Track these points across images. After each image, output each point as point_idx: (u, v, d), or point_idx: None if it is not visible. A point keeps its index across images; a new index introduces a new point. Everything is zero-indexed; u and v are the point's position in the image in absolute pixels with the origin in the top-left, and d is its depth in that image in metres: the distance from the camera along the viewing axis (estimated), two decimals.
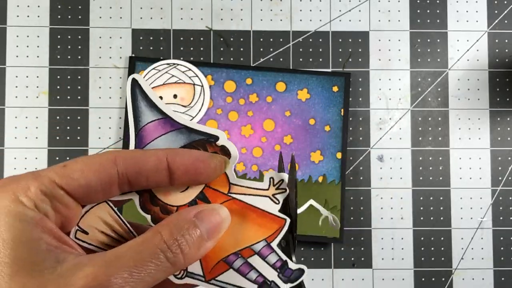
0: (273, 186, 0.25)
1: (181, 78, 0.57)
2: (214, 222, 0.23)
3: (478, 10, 0.59)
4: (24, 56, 0.57)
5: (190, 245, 0.21)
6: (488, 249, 0.57)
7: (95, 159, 0.22)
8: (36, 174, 0.21)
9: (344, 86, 0.57)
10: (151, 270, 0.20)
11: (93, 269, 0.19)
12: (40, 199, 0.20)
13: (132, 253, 0.20)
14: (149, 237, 0.21)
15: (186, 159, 0.23)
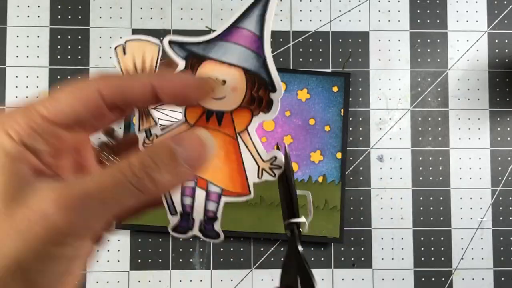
0: (269, 163, 0.25)
1: None
2: (193, 148, 0.21)
3: (478, 10, 0.59)
4: (24, 56, 0.57)
5: (162, 170, 0.20)
6: (488, 249, 0.57)
7: (79, 89, 0.21)
8: (24, 109, 0.21)
9: (344, 86, 0.57)
10: (118, 197, 0.20)
11: (59, 191, 0.19)
12: (28, 135, 0.20)
13: (96, 177, 0.20)
14: (118, 164, 0.20)
15: (174, 83, 0.22)
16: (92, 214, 0.19)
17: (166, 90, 0.22)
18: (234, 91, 0.25)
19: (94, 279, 0.56)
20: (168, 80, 0.22)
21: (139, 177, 0.20)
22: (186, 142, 0.21)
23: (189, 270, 0.56)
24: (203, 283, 0.56)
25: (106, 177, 0.20)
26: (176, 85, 0.22)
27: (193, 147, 0.21)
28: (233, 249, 0.56)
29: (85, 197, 0.19)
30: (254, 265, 0.56)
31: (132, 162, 0.20)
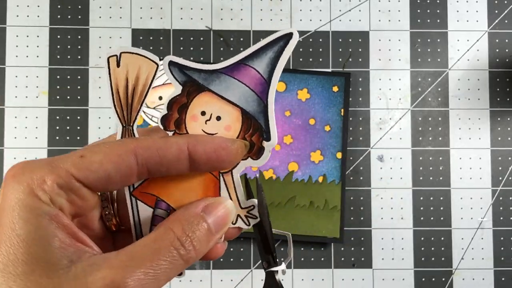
0: (246, 211, 0.25)
1: None
2: (221, 216, 0.22)
3: (478, 10, 0.59)
4: (24, 56, 0.57)
5: (200, 240, 0.21)
6: (488, 249, 0.57)
7: (114, 150, 0.21)
8: (52, 165, 0.20)
9: (344, 86, 0.57)
10: (165, 268, 0.20)
11: (109, 271, 0.19)
12: (56, 193, 0.20)
13: (147, 252, 0.20)
14: (162, 233, 0.21)
15: (208, 147, 0.22)
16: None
17: (200, 154, 0.22)
18: (228, 130, 0.24)
19: None
20: (202, 142, 0.22)
21: (188, 250, 0.21)
22: (214, 211, 0.22)
23: (189, 270, 0.56)
24: (203, 283, 0.56)
25: (160, 254, 0.20)
26: (211, 146, 0.22)
27: (222, 218, 0.22)
28: (233, 249, 0.56)
29: (145, 275, 0.19)
30: (254, 265, 0.56)
31: (177, 233, 0.21)
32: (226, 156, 0.23)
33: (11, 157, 0.56)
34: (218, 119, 0.24)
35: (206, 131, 0.24)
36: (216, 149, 0.22)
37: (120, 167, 0.21)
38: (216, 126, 0.24)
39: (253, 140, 0.24)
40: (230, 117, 0.24)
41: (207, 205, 0.22)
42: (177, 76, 0.24)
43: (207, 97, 0.24)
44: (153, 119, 0.56)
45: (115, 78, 0.23)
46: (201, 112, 0.24)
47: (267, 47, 0.24)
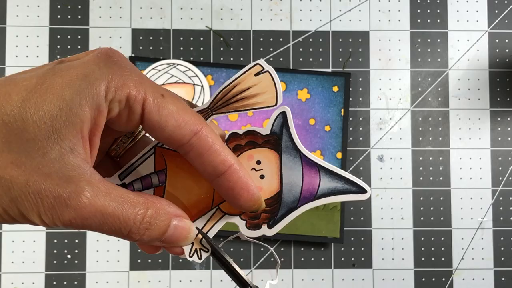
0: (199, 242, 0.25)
1: (181, 78, 0.57)
2: (179, 236, 0.23)
3: (479, 10, 0.59)
4: (24, 56, 0.57)
5: (151, 236, 0.22)
6: (488, 249, 0.57)
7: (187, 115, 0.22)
8: (140, 79, 0.21)
9: (344, 86, 0.57)
10: (113, 225, 0.21)
11: (85, 188, 0.20)
12: (119, 100, 0.21)
13: (118, 201, 0.21)
14: (139, 202, 0.22)
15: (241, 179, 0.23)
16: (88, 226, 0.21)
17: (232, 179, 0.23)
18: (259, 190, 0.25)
19: (94, 279, 0.56)
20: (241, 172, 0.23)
21: (138, 231, 0.22)
22: (179, 226, 0.23)
23: (189, 270, 0.56)
24: (203, 283, 0.56)
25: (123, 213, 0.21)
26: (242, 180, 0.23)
27: (177, 238, 0.23)
28: (233, 249, 0.56)
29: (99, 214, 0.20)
30: (254, 265, 0.56)
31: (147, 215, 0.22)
32: (244, 197, 0.23)
33: None
34: (261, 178, 0.25)
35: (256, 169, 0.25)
36: (243, 187, 0.23)
37: (178, 131, 0.22)
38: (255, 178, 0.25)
39: (262, 216, 0.25)
40: (268, 185, 0.25)
41: (179, 223, 0.23)
42: (276, 125, 0.25)
43: (272, 155, 0.25)
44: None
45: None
46: (257, 160, 0.25)
47: (341, 179, 0.25)
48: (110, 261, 0.56)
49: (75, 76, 0.20)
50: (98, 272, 0.56)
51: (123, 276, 0.56)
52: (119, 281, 0.56)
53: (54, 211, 0.19)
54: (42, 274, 0.56)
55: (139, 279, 0.56)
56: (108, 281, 0.56)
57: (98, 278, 0.56)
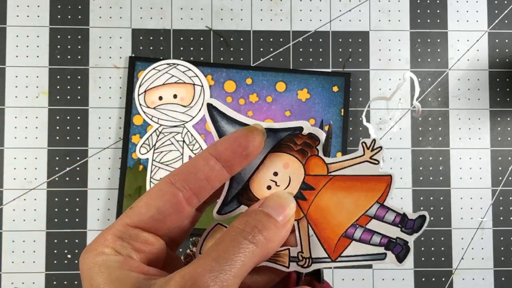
0: (367, 150, 0.25)
1: (181, 78, 0.57)
2: (279, 206, 0.23)
3: (478, 10, 0.59)
4: (24, 56, 0.57)
5: (265, 225, 0.22)
6: (488, 249, 0.57)
7: (154, 188, 0.23)
8: (109, 226, 0.22)
9: (344, 86, 0.57)
10: (237, 255, 0.21)
11: (182, 272, 0.20)
12: (118, 244, 0.21)
13: (214, 247, 0.21)
14: (226, 230, 0.22)
15: (226, 142, 0.23)
16: (231, 283, 0.20)
17: (224, 152, 0.23)
18: (287, 166, 0.25)
19: None
20: (220, 142, 0.23)
21: (250, 232, 0.22)
22: (268, 202, 0.24)
23: None
24: None
25: (224, 241, 0.21)
26: (230, 141, 0.23)
27: (276, 203, 0.23)
28: None
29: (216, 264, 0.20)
30: None
31: (236, 225, 0.22)
32: (246, 142, 0.23)
33: (11, 157, 0.56)
34: (276, 175, 0.25)
35: (285, 186, 0.25)
36: (235, 140, 0.23)
37: (164, 198, 0.22)
38: (282, 177, 0.25)
39: (300, 144, 0.25)
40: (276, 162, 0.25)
41: (263, 201, 0.24)
42: (231, 208, 0.25)
43: (254, 181, 0.25)
44: (153, 119, 0.56)
45: None
46: (267, 188, 0.25)
47: (216, 124, 0.25)
48: None
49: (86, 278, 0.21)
50: None
51: None
52: None
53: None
54: (42, 274, 0.56)
55: None
56: None
57: None
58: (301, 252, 0.24)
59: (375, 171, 0.25)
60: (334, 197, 0.25)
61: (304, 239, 0.25)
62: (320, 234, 0.25)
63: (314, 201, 0.25)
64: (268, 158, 0.25)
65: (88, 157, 0.57)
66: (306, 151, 0.25)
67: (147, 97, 0.56)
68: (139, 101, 0.56)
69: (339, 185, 0.25)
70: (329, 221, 0.25)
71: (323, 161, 0.25)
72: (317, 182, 0.25)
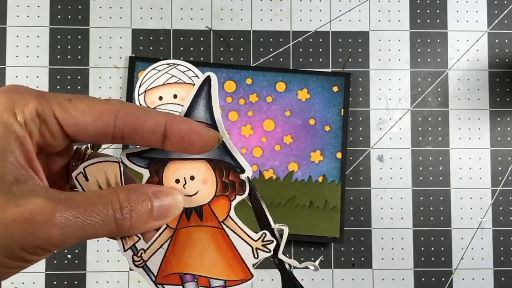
0: (261, 241, 0.25)
1: (181, 78, 0.57)
2: (167, 204, 0.23)
3: (478, 10, 0.59)
4: (24, 56, 0.57)
5: (139, 215, 0.22)
6: (488, 249, 0.57)
7: (98, 105, 0.22)
8: (40, 95, 0.21)
9: (344, 86, 0.57)
10: (96, 222, 0.21)
11: (44, 200, 0.20)
12: (31, 118, 0.21)
13: (85, 200, 0.21)
14: (106, 192, 0.22)
15: (183, 128, 0.23)
16: (71, 234, 0.20)
17: (175, 132, 0.23)
18: (205, 183, 0.25)
19: (94, 279, 0.56)
20: (180, 121, 0.23)
21: (124, 216, 0.21)
22: (162, 195, 0.23)
23: None
24: None
25: (97, 207, 0.21)
26: (187, 128, 0.23)
27: (167, 202, 0.23)
28: None
29: (74, 218, 0.20)
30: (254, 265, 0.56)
31: (121, 197, 0.21)
32: (197, 141, 0.23)
33: None
34: (192, 179, 0.25)
35: (188, 194, 0.25)
36: (190, 132, 0.23)
37: (98, 122, 0.22)
38: (194, 185, 0.25)
39: (231, 179, 0.25)
40: (201, 171, 0.25)
41: (158, 190, 0.23)
42: (139, 163, 0.25)
43: (173, 166, 0.25)
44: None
45: (89, 190, 0.24)
46: (175, 180, 0.25)
47: (196, 98, 0.26)
48: (110, 261, 0.56)
49: None
50: (98, 272, 0.56)
51: (123, 276, 0.56)
52: (119, 281, 0.56)
53: (29, 237, 0.19)
54: (42, 274, 0.56)
55: (140, 278, 0.56)
56: (109, 281, 0.56)
57: (98, 278, 0.56)
58: (143, 251, 0.24)
59: (248, 261, 0.25)
60: (206, 242, 0.25)
61: (155, 245, 0.25)
62: (168, 254, 0.25)
63: (191, 228, 0.25)
64: (200, 162, 0.25)
65: None
66: (228, 188, 0.25)
67: (147, 97, 0.56)
68: (139, 101, 0.56)
69: (218, 238, 0.25)
70: (184, 254, 0.25)
71: (229, 209, 0.25)
72: (209, 218, 0.25)
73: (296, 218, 0.55)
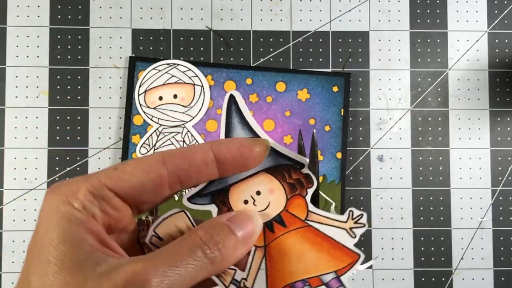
0: (351, 220, 0.25)
1: (181, 78, 0.57)
2: (246, 227, 0.23)
3: (478, 10, 0.59)
4: (24, 56, 0.57)
5: (226, 244, 0.22)
6: (488, 249, 0.57)
7: (144, 160, 0.22)
8: (87, 177, 0.21)
9: (344, 86, 0.57)
10: (190, 266, 0.20)
11: (133, 266, 0.19)
12: (88, 200, 0.21)
13: (171, 250, 0.21)
14: (186, 236, 0.22)
15: (231, 146, 0.23)
16: (171, 286, 0.20)
17: (225, 154, 0.23)
18: (272, 192, 0.25)
19: None
20: (225, 143, 0.23)
21: (211, 248, 0.21)
22: (238, 220, 0.23)
23: None
24: None
25: (184, 250, 0.21)
26: (234, 146, 0.23)
27: (245, 224, 0.23)
28: None
29: (169, 269, 0.20)
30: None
31: (200, 234, 0.21)
32: (249, 153, 0.23)
33: (11, 157, 0.56)
34: (258, 194, 0.25)
35: (261, 209, 0.25)
36: (240, 148, 0.23)
37: (150, 175, 0.22)
38: (263, 199, 0.25)
39: (295, 178, 0.25)
40: (263, 183, 0.25)
41: (233, 216, 0.23)
42: (202, 202, 0.25)
43: (235, 190, 0.25)
44: (153, 119, 0.56)
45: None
46: (243, 202, 0.25)
47: (229, 118, 0.25)
48: None
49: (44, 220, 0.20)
50: None
51: None
52: None
53: None
54: None
55: None
56: None
57: None
58: (245, 280, 0.24)
59: (348, 244, 0.24)
60: (300, 245, 0.24)
61: (254, 268, 0.24)
62: (269, 272, 0.24)
63: (280, 238, 0.24)
64: (259, 175, 0.25)
65: (88, 157, 0.57)
66: (296, 187, 0.25)
67: (147, 97, 0.56)
68: (139, 101, 0.56)
69: (309, 236, 0.24)
70: (284, 264, 0.24)
71: (306, 205, 0.25)
72: (292, 222, 0.25)
73: None
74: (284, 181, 0.25)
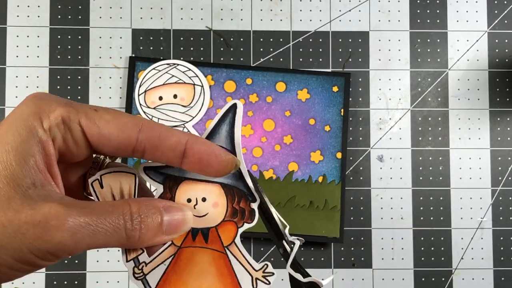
0: (262, 272, 0.25)
1: (181, 78, 0.57)
2: (176, 219, 0.23)
3: (478, 10, 0.59)
4: (24, 56, 0.57)
5: (149, 227, 0.22)
6: (488, 249, 0.57)
7: (124, 119, 0.23)
8: (68, 103, 0.22)
9: (344, 86, 0.57)
10: (107, 231, 0.21)
11: (58, 206, 0.20)
12: (57, 124, 0.21)
13: (98, 208, 0.21)
14: (119, 203, 0.22)
15: (203, 149, 0.23)
16: (82, 241, 0.20)
17: (195, 152, 0.23)
18: (216, 206, 0.25)
19: (94, 279, 0.56)
20: (200, 143, 0.24)
21: (134, 227, 0.22)
22: (173, 211, 0.23)
23: None
24: None
25: (109, 216, 0.21)
26: (206, 150, 0.23)
27: (176, 219, 0.23)
28: None
29: (86, 225, 0.20)
30: None
31: (132, 209, 0.22)
32: (215, 163, 0.24)
33: None
34: (204, 200, 0.25)
35: (198, 215, 0.25)
36: (210, 153, 0.24)
37: (122, 134, 0.22)
38: (204, 207, 0.25)
39: (241, 206, 0.25)
40: (213, 194, 0.25)
41: (169, 205, 0.24)
42: (155, 178, 0.25)
43: (186, 185, 0.25)
44: (153, 120, 0.56)
45: (103, 198, 0.24)
46: (187, 200, 0.25)
47: (220, 123, 0.26)
48: (110, 261, 0.56)
49: (11, 120, 0.21)
50: (99, 272, 0.56)
51: (124, 276, 0.56)
52: (119, 281, 0.56)
53: (40, 241, 0.20)
54: (42, 274, 0.56)
55: None
56: (109, 281, 0.56)
57: (99, 278, 0.56)
58: (145, 264, 0.24)
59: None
60: (207, 265, 0.25)
61: (158, 259, 0.25)
62: (169, 271, 0.25)
63: (195, 249, 0.25)
64: (214, 185, 0.25)
65: None
66: (237, 215, 0.25)
67: (147, 97, 0.56)
68: (139, 101, 0.56)
69: (219, 263, 0.25)
70: (184, 273, 0.25)
71: (235, 235, 0.25)
72: (214, 241, 0.25)
73: (296, 218, 0.55)
74: (231, 203, 0.25)
